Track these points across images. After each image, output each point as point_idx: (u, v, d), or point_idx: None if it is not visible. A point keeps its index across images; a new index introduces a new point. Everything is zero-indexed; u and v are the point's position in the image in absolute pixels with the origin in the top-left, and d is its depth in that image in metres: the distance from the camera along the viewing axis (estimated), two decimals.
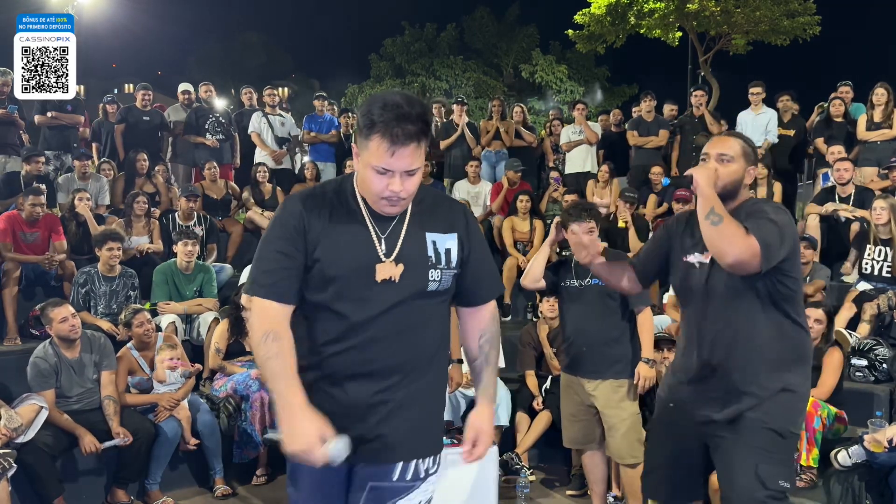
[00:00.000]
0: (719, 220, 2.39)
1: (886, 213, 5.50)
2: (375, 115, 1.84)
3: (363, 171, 1.93)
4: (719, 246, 2.39)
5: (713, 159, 2.57)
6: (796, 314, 2.55)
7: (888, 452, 3.64)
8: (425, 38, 27.60)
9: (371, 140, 1.86)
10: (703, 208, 2.44)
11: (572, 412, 4.00)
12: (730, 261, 2.37)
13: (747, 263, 2.36)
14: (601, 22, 18.17)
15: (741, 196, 2.59)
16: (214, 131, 8.50)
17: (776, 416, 2.49)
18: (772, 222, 2.41)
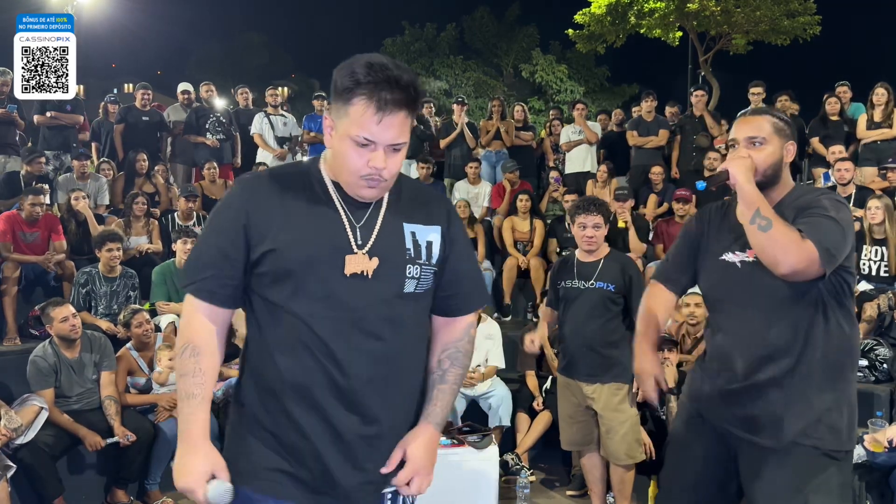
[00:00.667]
0: (768, 225, 2.07)
1: (881, 213, 5.50)
2: (360, 74, 1.55)
3: (339, 144, 1.61)
4: (771, 254, 2.07)
5: (743, 145, 2.23)
6: (851, 310, 2.26)
7: (888, 452, 3.64)
8: (425, 38, 27.61)
9: (353, 105, 1.56)
10: (746, 210, 2.13)
11: (570, 414, 3.99)
12: (784, 271, 2.07)
13: (805, 271, 2.06)
14: (601, 22, 18.16)
15: (784, 182, 2.26)
16: (215, 131, 8.50)
17: (832, 437, 2.15)
18: (831, 220, 2.10)
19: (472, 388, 5.07)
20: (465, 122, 8.83)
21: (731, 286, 2.26)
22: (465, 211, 7.34)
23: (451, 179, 8.70)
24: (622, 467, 3.90)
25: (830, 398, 2.17)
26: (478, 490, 4.12)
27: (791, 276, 2.08)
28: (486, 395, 5.07)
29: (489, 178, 8.57)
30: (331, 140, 1.66)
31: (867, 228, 5.60)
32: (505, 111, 9.21)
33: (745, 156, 2.19)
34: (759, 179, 2.19)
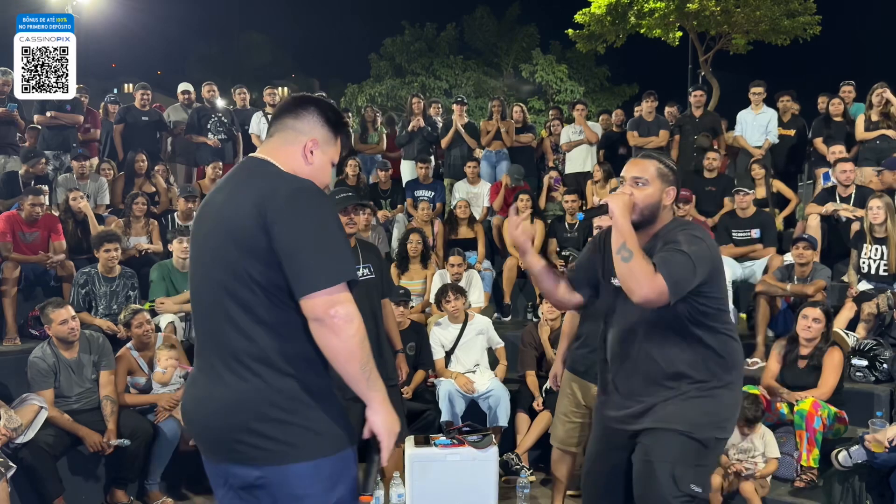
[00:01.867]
0: (629, 257, 2.39)
1: (882, 213, 5.50)
2: (341, 119, 2.14)
3: (325, 166, 2.10)
4: (627, 283, 2.41)
5: (628, 182, 2.55)
6: (719, 326, 2.58)
7: (888, 453, 3.64)
8: (425, 38, 27.57)
9: (339, 138, 2.13)
10: (615, 241, 2.43)
11: (567, 411, 3.98)
12: (637, 299, 2.39)
13: (655, 301, 2.38)
14: (601, 21, 18.14)
15: (661, 219, 2.58)
16: (217, 131, 8.50)
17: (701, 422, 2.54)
18: (682, 254, 2.41)
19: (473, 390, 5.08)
20: (465, 123, 8.83)
21: (614, 305, 2.65)
22: (465, 211, 7.34)
23: (450, 179, 8.70)
24: None
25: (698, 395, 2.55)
26: (478, 490, 4.12)
27: (643, 304, 2.40)
28: (484, 395, 5.07)
29: (489, 178, 8.57)
30: (320, 158, 2.08)
31: (868, 228, 5.60)
32: (505, 111, 9.21)
33: (626, 193, 2.52)
34: (636, 217, 2.51)
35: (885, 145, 7.22)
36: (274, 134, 2.08)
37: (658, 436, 2.56)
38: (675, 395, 2.55)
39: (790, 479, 4.15)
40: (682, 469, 2.51)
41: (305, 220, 1.87)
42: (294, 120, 2.06)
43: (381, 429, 1.97)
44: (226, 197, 1.98)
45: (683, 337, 2.55)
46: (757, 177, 7.24)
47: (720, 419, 2.60)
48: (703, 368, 2.56)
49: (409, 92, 22.34)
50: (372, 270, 4.05)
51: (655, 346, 2.57)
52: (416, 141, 8.80)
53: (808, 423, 4.04)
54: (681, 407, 2.55)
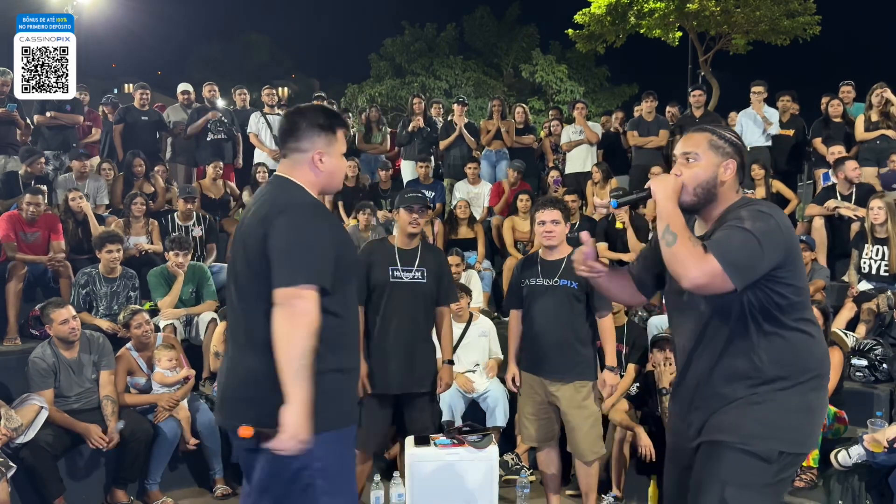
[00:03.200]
0: (673, 241, 2.12)
1: (883, 213, 5.51)
2: (330, 115, 2.39)
3: (339, 162, 2.39)
4: (674, 269, 2.13)
5: (679, 160, 2.30)
6: (798, 321, 2.23)
7: (888, 453, 3.64)
8: (425, 38, 27.58)
9: (337, 133, 2.38)
10: (659, 227, 2.19)
11: (532, 411, 4.01)
12: (687, 284, 2.11)
13: (710, 286, 2.09)
14: (601, 22, 18.16)
15: (724, 199, 2.26)
16: (216, 131, 8.50)
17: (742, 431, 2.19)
18: (743, 231, 2.10)
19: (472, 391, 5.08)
20: (465, 123, 8.83)
21: (676, 293, 2.36)
22: (465, 211, 7.34)
23: (450, 179, 8.70)
24: (586, 463, 3.96)
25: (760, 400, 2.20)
26: (478, 490, 4.11)
27: (696, 290, 2.14)
28: (483, 395, 5.07)
29: (489, 178, 8.57)
30: (330, 162, 2.36)
31: (868, 228, 5.60)
32: (505, 111, 9.21)
33: (675, 173, 2.27)
34: (690, 198, 2.25)
35: (885, 145, 7.22)
36: (286, 156, 2.38)
37: (709, 451, 2.24)
38: (732, 402, 2.23)
39: None
40: (733, 490, 2.15)
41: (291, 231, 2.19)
42: (295, 142, 2.34)
43: (286, 426, 2.07)
44: (253, 208, 2.35)
45: (749, 333, 2.21)
46: (756, 177, 7.24)
47: (786, 428, 2.20)
48: (770, 369, 2.21)
49: (409, 92, 22.36)
50: (425, 275, 3.97)
51: (717, 344, 2.26)
52: (416, 141, 8.81)
53: None
54: (735, 415, 2.21)
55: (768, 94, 8.07)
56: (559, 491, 4.20)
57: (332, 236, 2.26)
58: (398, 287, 3.89)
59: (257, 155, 8.59)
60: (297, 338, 2.08)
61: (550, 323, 3.89)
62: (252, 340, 2.21)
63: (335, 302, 2.25)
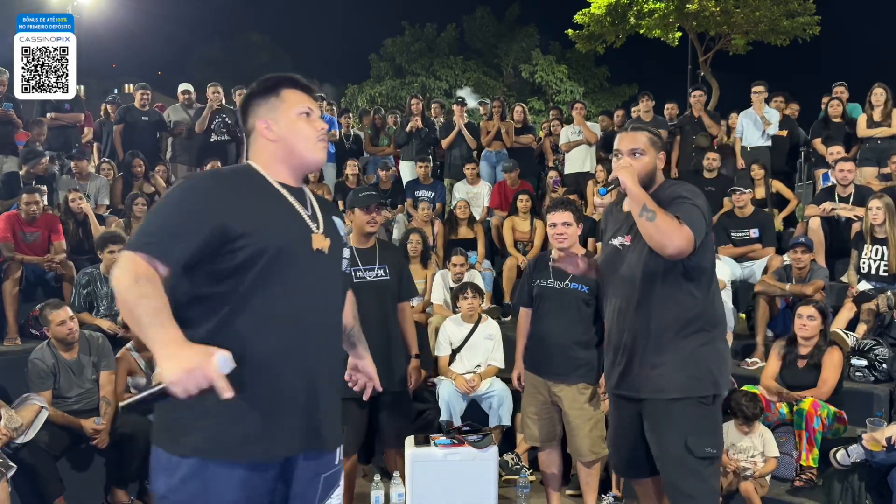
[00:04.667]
0: (653, 216, 2.54)
1: (882, 213, 5.51)
2: (270, 79, 2.00)
3: (291, 124, 1.95)
4: (659, 240, 2.55)
5: (626, 155, 2.76)
6: (707, 280, 2.75)
7: (887, 452, 3.65)
8: (425, 38, 27.59)
9: (282, 93, 1.98)
10: (635, 206, 2.61)
11: (535, 411, 4.02)
12: (671, 252, 2.54)
13: (685, 250, 2.54)
14: (601, 22, 18.18)
15: (656, 182, 2.79)
16: (220, 132, 8.51)
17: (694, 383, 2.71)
18: (695, 206, 2.62)
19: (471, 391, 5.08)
20: (465, 123, 8.84)
21: (616, 265, 2.82)
22: (464, 211, 7.34)
23: (450, 179, 8.71)
24: (586, 464, 3.97)
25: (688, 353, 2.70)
26: (478, 490, 4.11)
27: (674, 257, 2.56)
28: (486, 394, 5.07)
29: (489, 178, 8.58)
30: (277, 129, 1.95)
31: (867, 228, 5.60)
32: (505, 111, 9.22)
33: (627, 165, 2.71)
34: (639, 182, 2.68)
35: (886, 145, 7.23)
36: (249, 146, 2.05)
37: (659, 406, 2.72)
38: (667, 358, 2.70)
39: (790, 478, 4.15)
40: (693, 438, 2.66)
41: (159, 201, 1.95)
42: (244, 125, 2.03)
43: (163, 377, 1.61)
44: None
45: (678, 293, 2.70)
46: (756, 177, 7.25)
47: (714, 375, 2.75)
48: (694, 325, 2.71)
49: (409, 92, 22.35)
50: (387, 272, 3.98)
51: (654, 303, 2.70)
52: (414, 141, 8.81)
53: (808, 422, 4.04)
54: (673, 371, 2.69)
55: (769, 95, 8.08)
56: (560, 490, 4.21)
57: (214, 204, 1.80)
58: (363, 288, 3.80)
59: None
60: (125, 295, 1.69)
61: (557, 325, 3.90)
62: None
63: (201, 283, 1.81)
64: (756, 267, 6.09)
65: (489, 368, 5.19)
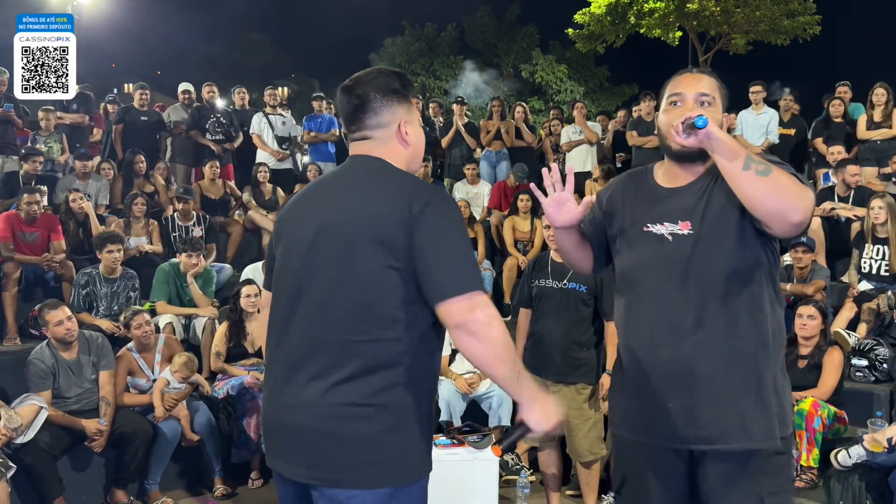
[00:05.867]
0: (768, 169, 1.77)
1: (884, 213, 5.51)
2: (406, 79, 1.93)
3: (420, 131, 1.94)
4: (780, 203, 1.77)
5: (691, 101, 1.98)
6: (777, 283, 2.02)
7: (888, 452, 3.64)
8: (425, 38, 27.60)
9: (412, 100, 1.95)
10: (731, 158, 1.81)
11: None
12: (799, 218, 1.78)
13: (808, 219, 1.81)
14: (601, 21, 18.20)
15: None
16: (214, 132, 8.50)
17: (775, 429, 1.93)
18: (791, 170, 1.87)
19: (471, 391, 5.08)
20: (465, 123, 8.83)
21: (660, 260, 1.97)
22: (465, 211, 7.34)
23: (450, 179, 8.70)
24: (585, 463, 3.97)
25: (770, 387, 1.95)
26: (478, 490, 4.11)
27: (799, 227, 1.81)
28: (486, 395, 5.07)
29: (489, 178, 8.57)
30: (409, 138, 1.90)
31: (869, 228, 5.60)
32: (505, 111, 9.22)
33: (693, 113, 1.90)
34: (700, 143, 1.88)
35: (886, 145, 7.23)
36: (366, 138, 1.89)
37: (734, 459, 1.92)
38: (753, 392, 1.92)
39: None
40: (772, 498, 1.93)
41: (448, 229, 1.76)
42: (375, 116, 1.87)
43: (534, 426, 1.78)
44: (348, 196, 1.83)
45: (764, 302, 1.93)
46: None
47: (791, 411, 2.03)
48: (773, 347, 1.96)
49: None
50: None
51: (739, 316, 1.90)
52: None
53: (808, 422, 4.04)
54: (762, 410, 1.92)
55: (767, 94, 8.08)
56: (559, 490, 4.21)
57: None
58: None
59: (259, 155, 8.59)
60: (501, 346, 1.71)
61: (556, 325, 3.90)
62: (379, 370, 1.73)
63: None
64: None
65: None
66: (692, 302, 1.91)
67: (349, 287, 1.73)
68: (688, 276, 1.92)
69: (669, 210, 1.98)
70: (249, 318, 5.10)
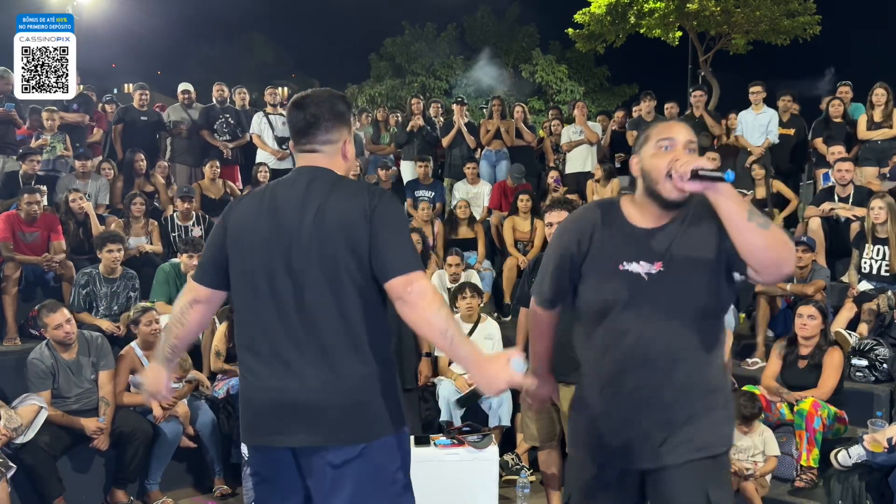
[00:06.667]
0: (767, 223, 1.90)
1: (884, 213, 5.51)
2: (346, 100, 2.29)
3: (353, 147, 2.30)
4: (776, 254, 1.91)
5: (682, 147, 2.04)
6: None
7: (888, 452, 3.64)
8: (425, 38, 27.58)
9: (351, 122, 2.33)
10: (740, 210, 1.90)
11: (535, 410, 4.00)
12: (786, 271, 1.96)
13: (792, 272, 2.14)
14: (601, 21, 18.17)
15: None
16: (222, 132, 8.51)
17: (721, 438, 2.15)
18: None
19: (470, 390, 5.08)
20: (465, 122, 8.84)
21: (634, 296, 2.08)
22: (465, 211, 7.34)
23: (450, 179, 8.70)
24: None
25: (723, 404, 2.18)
26: (478, 490, 4.12)
27: (786, 277, 2.12)
28: (486, 394, 5.07)
29: (489, 178, 8.57)
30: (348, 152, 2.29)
31: (869, 228, 5.60)
32: (505, 111, 9.22)
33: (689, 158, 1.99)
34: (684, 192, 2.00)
35: (886, 145, 7.23)
36: (316, 150, 2.20)
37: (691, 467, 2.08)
38: (710, 411, 2.12)
39: (790, 478, 4.15)
40: (717, 493, 2.08)
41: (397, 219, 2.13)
42: (325, 133, 2.19)
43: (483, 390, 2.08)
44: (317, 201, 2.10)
45: (720, 333, 2.15)
46: (757, 177, 7.25)
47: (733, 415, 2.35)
48: (723, 369, 2.21)
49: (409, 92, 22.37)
50: None
51: (705, 349, 2.08)
52: (415, 141, 8.81)
53: (808, 423, 4.04)
54: (713, 422, 2.12)
55: (767, 94, 8.08)
56: (560, 490, 4.20)
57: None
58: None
59: (259, 155, 8.58)
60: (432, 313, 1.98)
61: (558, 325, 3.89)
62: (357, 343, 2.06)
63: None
64: None
65: None
66: (664, 336, 2.07)
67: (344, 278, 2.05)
68: (661, 312, 2.06)
69: (647, 250, 2.09)
70: None
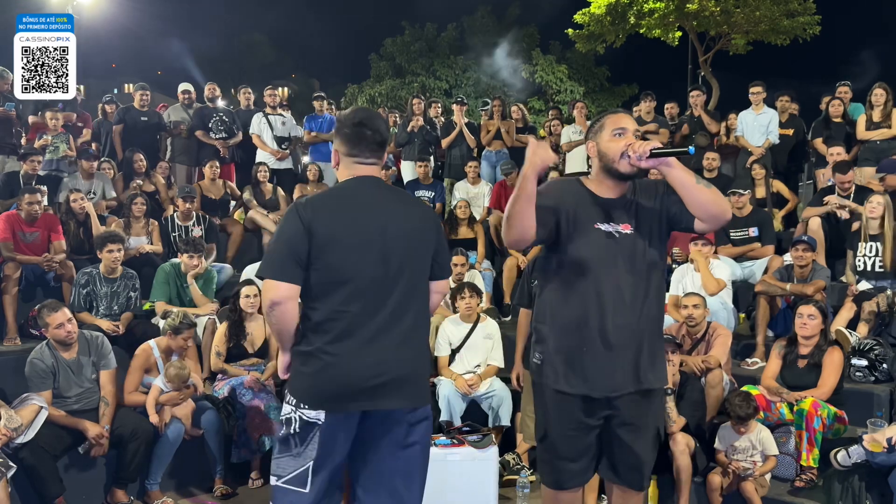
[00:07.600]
0: (709, 185, 2.52)
1: (881, 208, 5.51)
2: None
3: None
4: (719, 207, 2.51)
5: (632, 134, 2.59)
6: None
7: (887, 452, 3.64)
8: (425, 38, 27.59)
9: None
10: (689, 176, 2.50)
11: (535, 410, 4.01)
12: (728, 217, 2.57)
13: (729, 219, 2.64)
14: (601, 22, 18.19)
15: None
16: (217, 130, 8.51)
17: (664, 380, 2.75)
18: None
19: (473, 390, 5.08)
20: (465, 123, 8.84)
21: (606, 252, 2.58)
22: (465, 211, 7.34)
23: (451, 179, 8.71)
24: None
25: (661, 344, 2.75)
26: (478, 490, 4.12)
27: (725, 222, 2.60)
28: (486, 395, 5.07)
29: (489, 178, 8.58)
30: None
31: (864, 224, 5.60)
32: (505, 111, 9.22)
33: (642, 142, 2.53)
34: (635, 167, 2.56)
35: (886, 145, 7.23)
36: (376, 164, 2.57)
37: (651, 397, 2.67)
38: (660, 348, 2.74)
39: (790, 478, 4.15)
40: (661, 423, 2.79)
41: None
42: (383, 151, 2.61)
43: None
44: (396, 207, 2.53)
45: (661, 281, 2.71)
46: (757, 177, 7.25)
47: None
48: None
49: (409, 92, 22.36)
50: None
51: (658, 292, 2.66)
52: (415, 141, 8.82)
53: (808, 422, 4.04)
54: (658, 361, 2.70)
55: (767, 94, 8.08)
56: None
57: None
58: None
59: (259, 154, 8.59)
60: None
61: None
62: (424, 327, 2.61)
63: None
64: (756, 267, 6.09)
65: (489, 368, 5.19)
66: (634, 282, 2.59)
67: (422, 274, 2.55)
68: (632, 263, 2.59)
69: (613, 214, 2.62)
70: (249, 319, 5.10)
